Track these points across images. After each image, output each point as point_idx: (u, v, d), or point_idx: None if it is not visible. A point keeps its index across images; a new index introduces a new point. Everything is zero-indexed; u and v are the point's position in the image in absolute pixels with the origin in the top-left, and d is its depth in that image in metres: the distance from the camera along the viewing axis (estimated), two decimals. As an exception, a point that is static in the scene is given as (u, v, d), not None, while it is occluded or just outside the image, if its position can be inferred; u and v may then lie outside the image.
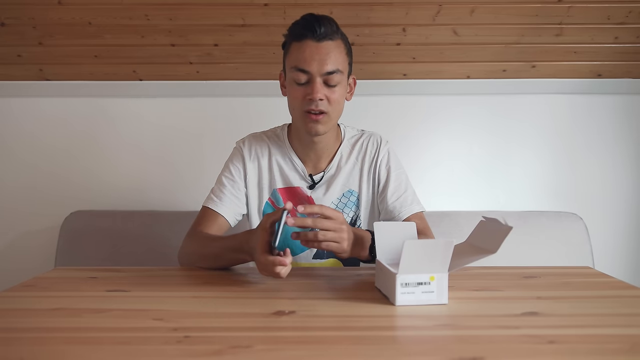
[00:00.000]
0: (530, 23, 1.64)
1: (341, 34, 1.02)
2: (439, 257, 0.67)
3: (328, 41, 0.98)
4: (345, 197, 1.13)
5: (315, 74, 0.98)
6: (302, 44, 0.98)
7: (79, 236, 1.66)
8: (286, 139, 1.14)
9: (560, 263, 1.54)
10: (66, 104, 1.83)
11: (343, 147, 1.15)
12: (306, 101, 0.99)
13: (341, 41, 1.01)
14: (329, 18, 0.99)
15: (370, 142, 1.16)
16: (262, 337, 0.55)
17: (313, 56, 0.97)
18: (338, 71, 0.99)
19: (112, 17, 1.61)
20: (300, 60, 0.98)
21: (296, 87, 1.01)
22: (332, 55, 0.98)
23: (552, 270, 0.91)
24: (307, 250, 1.11)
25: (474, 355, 0.50)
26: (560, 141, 1.87)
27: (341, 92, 1.02)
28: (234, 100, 1.84)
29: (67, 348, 0.53)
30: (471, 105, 1.86)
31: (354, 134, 1.18)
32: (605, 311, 0.66)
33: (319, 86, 0.98)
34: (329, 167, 1.13)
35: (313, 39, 0.97)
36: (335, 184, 1.12)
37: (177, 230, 1.64)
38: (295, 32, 0.99)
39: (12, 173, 1.84)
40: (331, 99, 1.00)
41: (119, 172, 1.85)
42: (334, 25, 0.99)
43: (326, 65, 0.97)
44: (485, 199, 1.88)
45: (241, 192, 1.12)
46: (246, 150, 1.14)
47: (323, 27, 0.96)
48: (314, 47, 0.97)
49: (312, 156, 1.12)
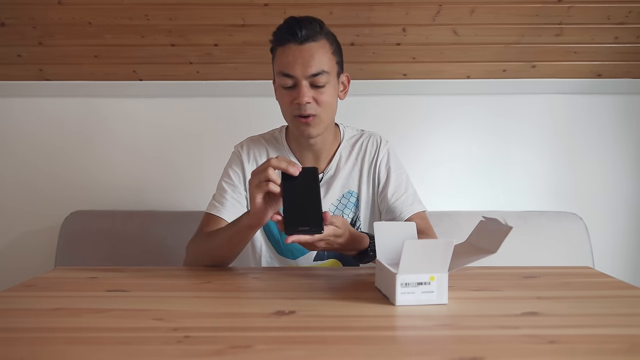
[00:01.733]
0: (530, 23, 1.64)
1: (326, 34, 1.00)
2: (439, 257, 0.67)
3: (310, 43, 0.97)
4: (345, 198, 1.13)
5: (300, 78, 0.97)
6: (285, 48, 0.98)
7: (78, 236, 1.66)
8: (284, 141, 1.14)
9: (560, 263, 1.54)
10: (66, 104, 1.83)
11: (342, 147, 1.14)
12: (294, 105, 0.99)
13: (326, 41, 1.00)
14: (312, 19, 0.99)
15: (370, 142, 1.15)
16: (262, 337, 0.55)
17: (296, 60, 0.96)
18: (323, 72, 0.98)
19: (112, 17, 1.61)
20: (285, 64, 0.97)
21: (284, 92, 1.01)
22: (316, 56, 0.97)
23: (552, 270, 0.91)
24: (307, 253, 1.11)
25: (474, 355, 0.50)
26: (560, 141, 1.87)
27: (330, 92, 1.01)
28: (234, 100, 1.84)
29: (67, 348, 0.53)
30: (471, 105, 1.86)
31: (353, 134, 1.17)
32: (605, 311, 0.66)
33: (305, 89, 0.97)
34: (328, 168, 1.12)
35: (295, 42, 0.96)
36: (334, 185, 1.12)
37: (177, 231, 1.64)
38: (278, 37, 0.99)
39: (12, 173, 1.84)
40: (319, 100, 0.99)
41: (118, 172, 1.85)
42: (317, 26, 0.98)
43: (310, 68, 0.96)
44: (485, 199, 1.88)
45: (242, 196, 1.11)
46: (244, 154, 1.13)
47: (304, 29, 0.96)
48: (296, 51, 0.96)
49: (310, 157, 1.12)
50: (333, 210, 1.12)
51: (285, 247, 1.12)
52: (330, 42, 1.01)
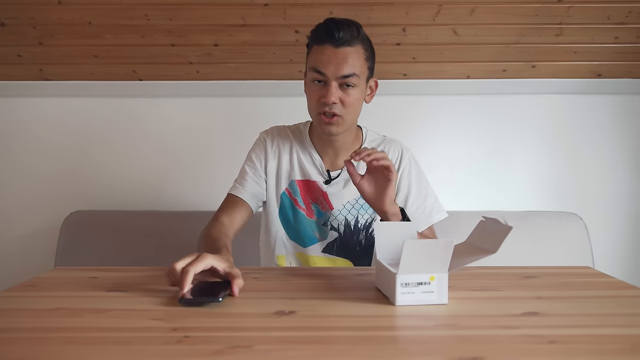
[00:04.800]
0: (530, 23, 1.64)
1: (362, 39, 1.03)
2: (439, 257, 0.67)
3: (346, 47, 0.99)
4: (362, 199, 1.14)
5: (331, 78, 1.00)
6: (321, 47, 1.01)
7: (79, 236, 1.66)
8: (307, 135, 1.18)
9: (560, 263, 1.54)
10: (66, 103, 1.83)
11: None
12: (320, 103, 1.02)
13: (361, 46, 1.02)
14: (351, 22, 1.01)
15: (392, 149, 1.18)
16: (262, 337, 0.55)
17: (330, 60, 0.99)
18: (354, 75, 1.00)
19: (112, 17, 1.61)
20: (318, 62, 1.01)
21: (313, 87, 1.04)
22: (349, 60, 0.99)
23: (552, 270, 0.91)
24: (317, 243, 1.13)
25: (474, 355, 0.50)
26: (560, 141, 1.87)
27: (357, 95, 1.04)
28: (234, 100, 1.84)
29: (67, 348, 0.53)
30: (471, 105, 1.86)
31: (375, 138, 1.21)
32: (605, 311, 0.66)
33: (334, 89, 1.00)
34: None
35: (332, 44, 0.99)
36: (352, 184, 1.14)
37: (177, 230, 1.64)
38: (316, 36, 1.02)
39: (13, 173, 1.84)
40: (345, 101, 1.02)
41: (118, 172, 1.85)
42: (355, 31, 1.00)
43: (342, 70, 0.99)
44: (485, 199, 1.88)
45: (262, 179, 1.16)
46: (269, 140, 1.18)
47: (342, 32, 0.98)
48: (331, 53, 0.99)
49: (330, 152, 1.15)
50: (349, 209, 1.14)
51: (296, 235, 1.16)
52: (365, 47, 1.04)
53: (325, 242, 1.14)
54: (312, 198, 1.14)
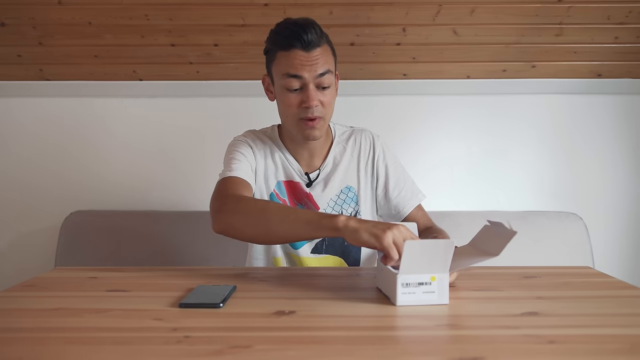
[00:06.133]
0: (530, 23, 1.64)
1: (325, 37, 1.02)
2: (440, 258, 0.67)
3: (316, 48, 0.98)
4: (343, 194, 1.14)
5: (309, 80, 0.98)
6: (290, 53, 0.98)
7: (79, 236, 1.66)
8: (279, 139, 1.15)
9: (560, 263, 1.54)
10: (66, 104, 1.83)
11: (335, 144, 1.17)
12: (302, 109, 1.00)
13: (326, 44, 1.02)
14: (312, 22, 0.99)
15: (362, 138, 1.18)
16: (262, 337, 0.55)
17: (304, 63, 0.97)
18: (329, 71, 1.00)
19: (112, 17, 1.61)
20: (291, 67, 0.98)
21: (289, 95, 1.01)
22: (321, 59, 0.99)
23: (552, 270, 0.91)
24: (305, 244, 1.12)
25: (474, 355, 0.50)
26: (560, 141, 1.87)
27: (333, 93, 1.05)
28: (234, 100, 1.84)
29: (67, 348, 0.53)
30: (471, 106, 1.86)
31: (344, 130, 1.20)
32: (605, 311, 0.66)
33: (313, 93, 0.99)
34: (324, 165, 1.14)
35: (301, 48, 0.97)
36: (332, 181, 1.13)
37: (177, 230, 1.64)
38: (281, 43, 0.99)
39: (13, 173, 1.84)
40: (324, 102, 1.01)
41: (118, 172, 1.85)
42: (318, 30, 0.99)
43: (318, 69, 0.98)
44: (485, 199, 1.88)
45: (253, 167, 1.09)
46: (250, 142, 1.13)
47: (309, 35, 0.96)
48: (303, 57, 0.97)
49: (305, 155, 1.14)
50: (332, 205, 1.13)
51: None
52: (328, 43, 1.04)
53: (314, 242, 1.12)
54: (297, 199, 1.13)
